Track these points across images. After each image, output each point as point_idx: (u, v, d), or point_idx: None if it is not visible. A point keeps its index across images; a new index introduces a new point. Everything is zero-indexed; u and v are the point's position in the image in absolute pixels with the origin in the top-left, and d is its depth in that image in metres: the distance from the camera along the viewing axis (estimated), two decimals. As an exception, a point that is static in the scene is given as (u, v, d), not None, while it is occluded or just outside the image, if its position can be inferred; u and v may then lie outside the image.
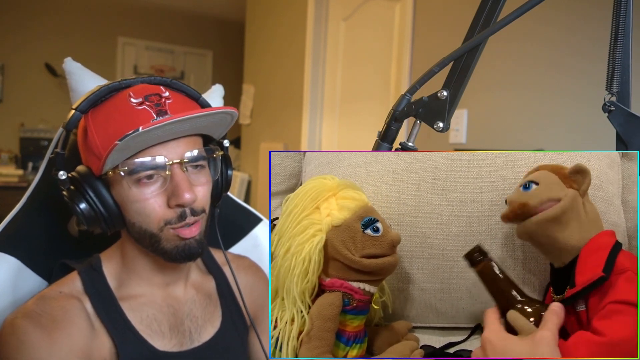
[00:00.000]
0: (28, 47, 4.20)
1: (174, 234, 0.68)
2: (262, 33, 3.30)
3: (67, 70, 0.88)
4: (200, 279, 0.84)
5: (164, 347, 0.73)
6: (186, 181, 0.67)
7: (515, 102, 1.73)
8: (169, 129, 0.63)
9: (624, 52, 0.55)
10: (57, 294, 0.70)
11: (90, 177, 0.68)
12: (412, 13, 2.10)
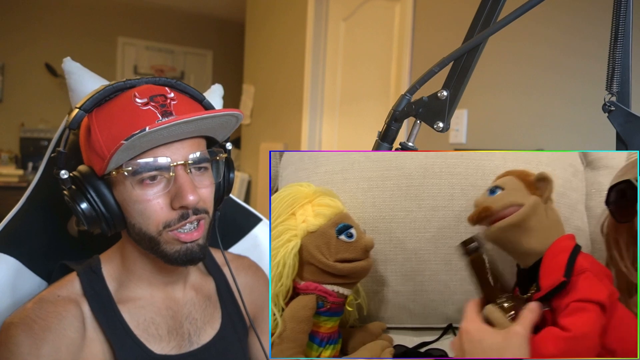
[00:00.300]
0: (28, 47, 4.19)
1: (173, 237, 0.68)
2: (262, 33, 3.30)
3: (66, 70, 0.88)
4: (199, 280, 0.84)
5: (161, 350, 0.73)
6: (190, 182, 0.67)
7: (515, 102, 1.73)
8: (175, 130, 0.63)
9: (624, 52, 0.55)
10: (55, 297, 0.69)
11: (92, 177, 0.67)
12: (412, 13, 2.10)
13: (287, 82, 2.94)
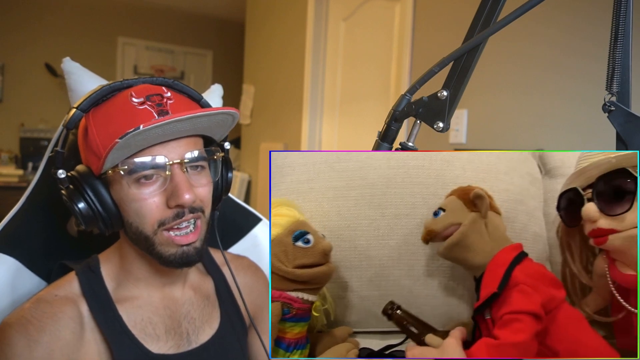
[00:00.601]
0: (28, 47, 4.20)
1: (169, 239, 0.68)
2: (262, 33, 3.30)
3: (66, 70, 0.88)
4: (198, 279, 0.84)
5: (159, 349, 0.73)
6: (186, 181, 0.66)
7: (515, 102, 1.73)
8: (170, 128, 0.63)
9: (624, 52, 0.55)
10: (52, 297, 0.69)
11: (89, 177, 0.67)
12: (412, 13, 2.10)
13: (287, 82, 2.94)
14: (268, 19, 3.23)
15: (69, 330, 0.67)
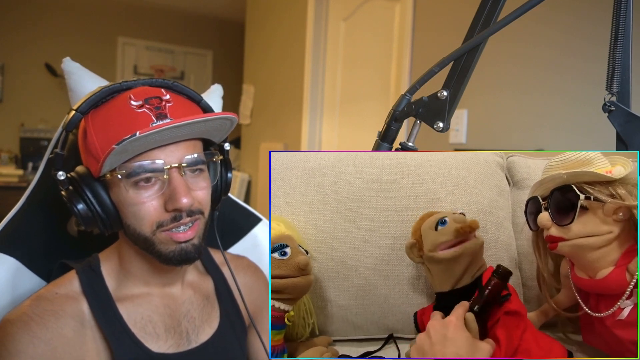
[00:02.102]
0: (28, 47, 4.20)
1: (168, 237, 0.68)
2: (262, 33, 3.30)
3: (66, 70, 0.88)
4: (198, 279, 0.84)
5: (159, 348, 0.73)
6: (184, 185, 0.67)
7: (515, 102, 1.73)
8: (168, 133, 0.63)
9: (624, 52, 0.55)
10: (53, 295, 0.69)
11: (88, 178, 0.67)
12: (412, 13, 2.10)
13: (287, 82, 2.94)
14: (268, 19, 3.23)
15: (70, 328, 0.67)
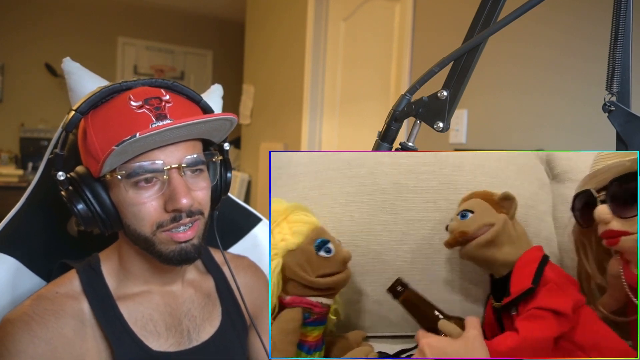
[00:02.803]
0: (28, 47, 4.19)
1: (168, 237, 0.68)
2: (262, 33, 3.30)
3: (66, 70, 0.88)
4: (198, 278, 0.84)
5: (159, 347, 0.73)
6: (184, 186, 0.67)
7: (515, 102, 1.73)
8: (167, 134, 0.63)
9: (624, 52, 0.55)
10: (53, 294, 0.69)
11: (88, 179, 0.67)
12: (412, 13, 2.10)
13: (287, 82, 2.94)
14: (268, 19, 3.23)
15: (71, 327, 0.68)
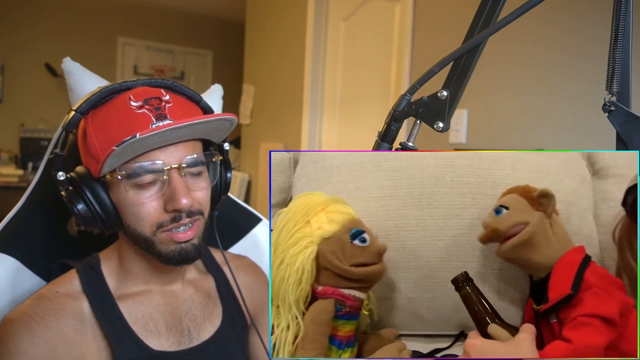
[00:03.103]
0: (28, 47, 4.19)
1: (168, 238, 0.68)
2: (262, 33, 3.30)
3: (66, 70, 0.88)
4: (199, 277, 0.84)
5: (160, 346, 0.73)
6: (184, 186, 0.67)
7: (515, 102, 1.73)
8: (167, 134, 0.63)
9: (624, 52, 0.55)
10: (53, 294, 0.69)
11: (88, 179, 0.67)
12: (412, 13, 2.10)
13: (287, 82, 2.94)
14: (268, 19, 3.23)
15: (71, 327, 0.68)
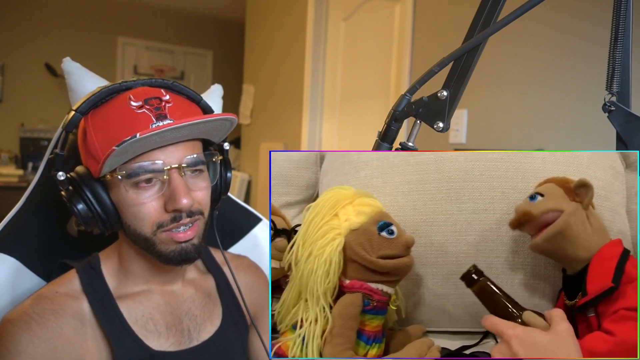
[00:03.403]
0: (28, 47, 4.20)
1: (168, 237, 0.68)
2: (262, 33, 3.30)
3: (66, 70, 0.88)
4: (199, 277, 0.84)
5: (160, 346, 0.73)
6: (184, 186, 0.67)
7: (515, 102, 1.73)
8: (167, 134, 0.63)
9: (624, 52, 0.55)
10: (53, 294, 0.69)
11: (88, 179, 0.68)
12: (412, 13, 2.10)
13: (287, 82, 2.94)
14: (268, 19, 3.23)
15: (70, 326, 0.68)
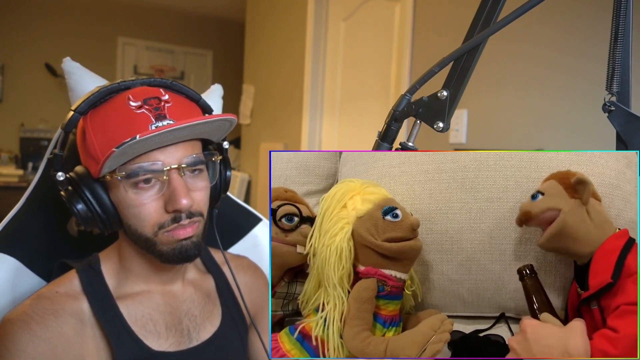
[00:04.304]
0: (28, 47, 4.20)
1: (169, 237, 0.68)
2: (262, 33, 3.30)
3: (66, 70, 0.88)
4: (198, 277, 0.84)
5: (159, 347, 0.73)
6: (183, 187, 0.67)
7: (515, 102, 1.73)
8: (167, 135, 0.63)
9: (624, 52, 0.55)
10: (53, 294, 0.69)
11: (88, 179, 0.67)
12: (412, 13, 2.10)
13: (287, 82, 2.94)
14: (268, 19, 3.23)
15: (70, 326, 0.68)
